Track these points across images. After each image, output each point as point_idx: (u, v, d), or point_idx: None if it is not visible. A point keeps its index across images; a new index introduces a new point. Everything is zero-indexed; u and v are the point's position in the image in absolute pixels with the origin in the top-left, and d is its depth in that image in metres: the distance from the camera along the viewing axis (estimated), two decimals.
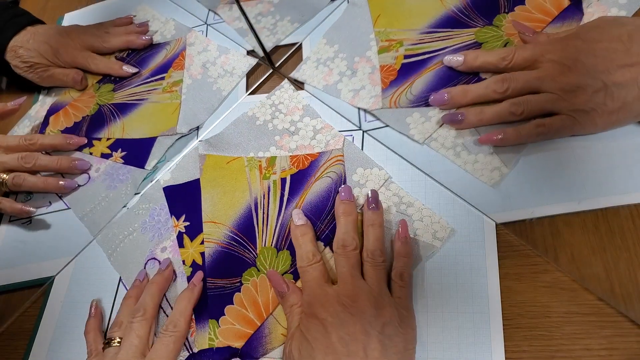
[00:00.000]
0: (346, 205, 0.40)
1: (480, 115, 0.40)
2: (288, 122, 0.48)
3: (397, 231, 0.38)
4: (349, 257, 0.37)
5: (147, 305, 0.40)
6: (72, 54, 0.59)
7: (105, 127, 0.56)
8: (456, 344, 0.34)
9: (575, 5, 0.44)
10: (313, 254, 0.38)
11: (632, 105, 0.35)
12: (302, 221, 0.40)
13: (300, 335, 0.34)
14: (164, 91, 0.56)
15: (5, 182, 0.50)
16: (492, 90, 0.40)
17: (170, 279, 0.43)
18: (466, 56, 0.43)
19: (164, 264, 0.43)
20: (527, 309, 0.34)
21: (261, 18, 0.57)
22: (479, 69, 0.43)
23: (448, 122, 0.42)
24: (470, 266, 0.37)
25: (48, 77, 0.60)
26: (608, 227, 0.35)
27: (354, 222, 0.39)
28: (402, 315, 0.34)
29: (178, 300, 0.40)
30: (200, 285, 0.42)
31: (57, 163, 0.52)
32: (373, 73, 0.48)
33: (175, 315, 0.39)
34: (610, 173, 0.36)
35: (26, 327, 0.46)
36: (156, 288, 0.42)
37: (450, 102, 0.42)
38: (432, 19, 0.49)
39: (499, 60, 0.41)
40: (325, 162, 0.45)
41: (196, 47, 0.58)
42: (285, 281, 0.39)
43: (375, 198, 0.40)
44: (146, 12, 0.65)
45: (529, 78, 0.38)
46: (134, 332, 0.38)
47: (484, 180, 0.39)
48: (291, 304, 0.37)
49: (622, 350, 0.32)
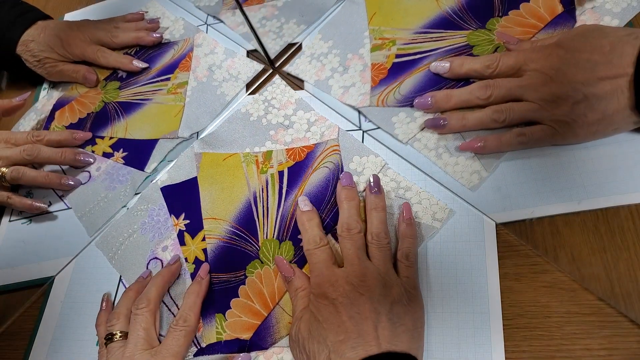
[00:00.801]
0: (348, 190, 0.40)
1: (463, 121, 0.40)
2: (282, 116, 0.49)
3: (401, 213, 0.39)
4: (354, 239, 0.37)
5: (151, 295, 0.40)
6: (81, 47, 0.59)
7: (109, 125, 0.56)
8: (456, 344, 0.34)
9: (568, 12, 0.44)
10: (320, 238, 0.38)
11: (612, 118, 0.35)
12: (308, 207, 0.41)
13: (310, 317, 0.35)
14: (168, 92, 0.56)
15: (4, 175, 0.50)
16: (475, 96, 0.40)
17: (176, 273, 0.43)
18: (452, 63, 0.43)
19: (173, 259, 0.44)
20: (527, 309, 0.34)
21: (266, 22, 0.57)
22: (464, 76, 0.43)
23: (431, 127, 0.42)
24: (470, 266, 0.37)
25: (57, 73, 0.60)
26: (608, 227, 0.35)
27: (357, 206, 0.40)
28: (410, 294, 0.34)
29: (187, 295, 0.41)
30: (208, 277, 0.42)
31: (62, 155, 0.52)
32: (364, 70, 0.48)
33: (185, 310, 0.40)
34: (610, 173, 0.36)
35: (26, 327, 0.46)
36: (162, 280, 0.42)
37: (434, 106, 0.42)
38: (427, 19, 0.49)
39: (483, 67, 0.41)
40: (322, 152, 0.45)
41: (203, 48, 0.58)
42: (291, 266, 0.39)
43: (377, 182, 0.40)
44: (156, 9, 0.65)
45: (511, 86, 0.39)
46: (139, 324, 0.38)
47: (463, 183, 0.40)
48: (296, 288, 0.38)
49: (622, 350, 0.31)
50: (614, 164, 0.37)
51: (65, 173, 0.54)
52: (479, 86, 0.40)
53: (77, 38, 0.59)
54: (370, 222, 0.38)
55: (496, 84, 0.39)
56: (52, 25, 0.59)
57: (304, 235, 0.40)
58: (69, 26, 0.60)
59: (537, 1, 0.46)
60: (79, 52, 0.60)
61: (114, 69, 0.61)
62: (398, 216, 0.39)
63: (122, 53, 0.62)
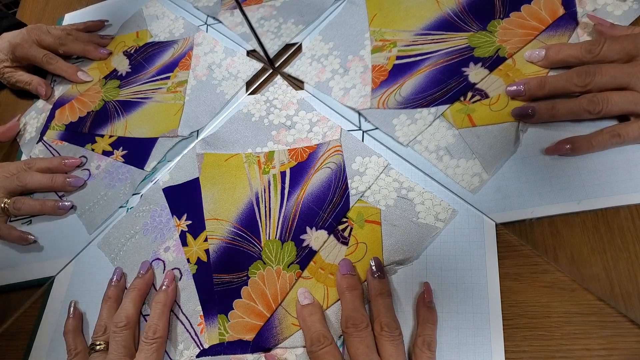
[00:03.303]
0: (349, 278, 0.37)
1: (552, 111, 0.37)
2: (284, 116, 0.49)
3: (422, 295, 0.36)
4: (363, 337, 0.33)
5: (130, 312, 0.40)
6: (26, 50, 0.60)
7: (109, 123, 0.56)
8: (456, 344, 0.34)
9: (569, 14, 0.44)
10: (324, 336, 0.35)
11: None
12: (309, 300, 0.37)
13: None
14: (168, 91, 0.56)
15: (6, 207, 0.51)
16: (572, 83, 0.36)
17: (150, 283, 0.43)
18: (548, 50, 0.40)
19: (143, 268, 0.43)
20: (527, 309, 0.34)
21: (264, 22, 0.57)
22: (561, 63, 0.40)
23: (517, 116, 0.39)
24: (470, 266, 0.37)
25: (15, 82, 0.62)
26: (608, 227, 0.35)
27: (360, 296, 0.36)
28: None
29: (154, 304, 0.40)
30: (174, 285, 0.42)
31: (52, 181, 0.52)
32: (365, 72, 0.48)
33: (154, 320, 0.39)
34: (610, 173, 0.36)
35: (26, 327, 0.46)
36: (137, 294, 0.41)
37: (527, 93, 0.39)
38: (427, 21, 0.49)
39: (583, 52, 0.37)
40: (324, 153, 0.45)
41: (203, 47, 0.58)
42: None
43: (379, 265, 0.37)
44: (156, 8, 0.65)
45: (616, 73, 0.35)
46: (120, 344, 0.38)
47: (464, 186, 0.40)
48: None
49: (622, 350, 0.32)
50: (614, 164, 0.37)
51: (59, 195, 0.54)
52: (578, 72, 0.36)
53: (24, 41, 0.60)
54: (377, 311, 0.35)
55: (599, 70, 0.35)
56: (10, 33, 0.60)
57: (306, 333, 0.36)
58: (20, 30, 0.61)
59: (538, 3, 0.45)
60: (22, 54, 0.60)
61: (61, 77, 0.62)
62: (417, 297, 0.36)
63: (120, 53, 0.62)
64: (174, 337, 0.41)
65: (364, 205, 0.41)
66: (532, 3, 0.46)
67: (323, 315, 0.37)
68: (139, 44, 0.62)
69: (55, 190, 0.53)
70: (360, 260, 0.39)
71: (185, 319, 0.41)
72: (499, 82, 0.43)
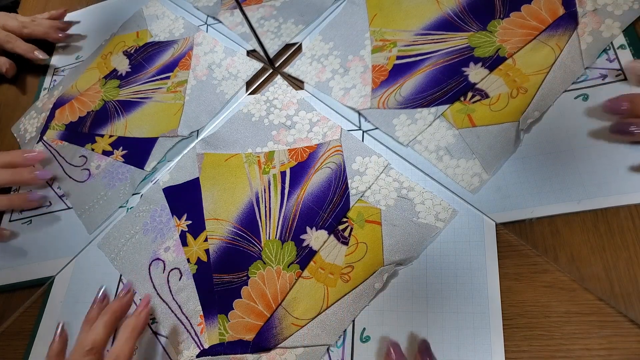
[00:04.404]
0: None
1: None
2: (284, 116, 0.49)
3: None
4: None
5: (98, 336, 0.37)
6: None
7: (109, 123, 0.56)
8: (456, 344, 0.34)
9: (569, 14, 0.44)
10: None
11: None
12: None
13: None
14: (168, 91, 0.56)
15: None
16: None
17: (128, 305, 0.41)
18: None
19: (125, 289, 0.42)
20: (526, 309, 0.34)
21: (264, 22, 0.57)
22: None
23: (616, 133, 0.36)
24: (470, 266, 0.37)
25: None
26: (607, 227, 0.35)
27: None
28: None
29: (122, 328, 0.38)
30: (147, 310, 0.40)
31: (17, 175, 0.52)
32: (365, 72, 0.48)
33: (118, 346, 0.36)
34: (609, 173, 0.36)
35: (26, 327, 0.46)
36: (111, 317, 0.39)
37: (630, 110, 0.35)
38: (428, 21, 0.49)
39: None
40: (324, 153, 0.45)
41: (203, 47, 0.58)
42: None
43: (428, 348, 0.33)
44: (157, 8, 0.65)
45: None
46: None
47: (464, 186, 0.40)
48: None
49: (621, 350, 0.32)
50: (614, 164, 0.37)
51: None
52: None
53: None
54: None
55: None
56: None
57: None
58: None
59: (538, 3, 0.46)
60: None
61: (22, 57, 0.64)
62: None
63: (122, 52, 0.62)
64: (174, 337, 0.41)
65: (364, 205, 0.41)
66: (532, 3, 0.46)
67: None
68: (139, 44, 0.62)
69: (22, 184, 0.54)
70: (361, 260, 0.39)
71: (185, 319, 0.41)
72: (499, 82, 0.43)
